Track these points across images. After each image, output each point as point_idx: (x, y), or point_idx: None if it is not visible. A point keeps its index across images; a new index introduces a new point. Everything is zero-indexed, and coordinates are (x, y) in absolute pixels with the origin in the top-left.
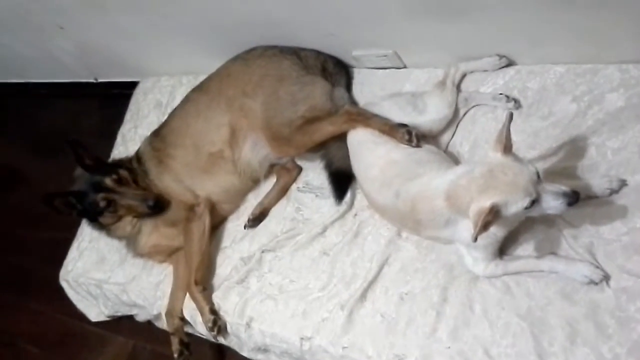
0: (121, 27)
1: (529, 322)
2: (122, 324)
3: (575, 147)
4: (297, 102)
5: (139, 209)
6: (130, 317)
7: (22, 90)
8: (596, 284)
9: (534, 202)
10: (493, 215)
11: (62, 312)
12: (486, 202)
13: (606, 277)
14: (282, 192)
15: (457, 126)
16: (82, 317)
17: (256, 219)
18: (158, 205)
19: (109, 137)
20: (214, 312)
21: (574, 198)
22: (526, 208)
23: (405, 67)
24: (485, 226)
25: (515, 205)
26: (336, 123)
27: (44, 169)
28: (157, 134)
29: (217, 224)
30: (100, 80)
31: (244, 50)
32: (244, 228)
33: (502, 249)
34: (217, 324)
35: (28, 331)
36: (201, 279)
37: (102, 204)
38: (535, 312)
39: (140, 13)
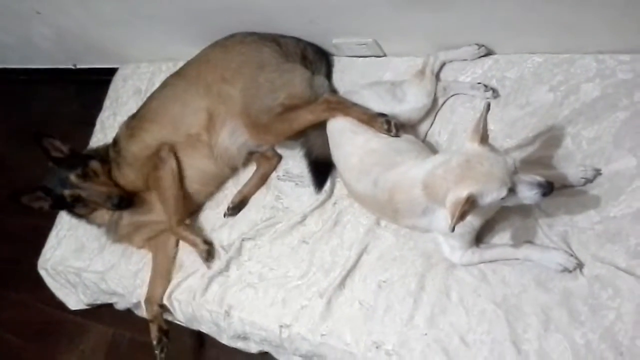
0: (100, 13)
1: (504, 309)
2: (102, 312)
3: (551, 137)
4: (276, 89)
5: (104, 206)
6: (109, 306)
7: (1, 77)
8: (570, 271)
9: (510, 192)
10: (469, 205)
11: (42, 300)
12: (463, 192)
13: (580, 265)
14: (261, 180)
15: (435, 115)
16: (61, 306)
17: (235, 207)
18: (122, 203)
19: (89, 123)
20: (207, 242)
21: (549, 188)
22: (502, 198)
23: (385, 55)
24: (462, 216)
25: (491, 195)
26: (315, 111)
27: (24, 156)
28: (134, 116)
29: (192, 208)
30: (79, 66)
31: (223, 37)
32: (224, 216)
33: (479, 238)
34: (212, 253)
35: (8, 320)
36: (182, 219)
37: (69, 199)
38: (511, 300)
39: None
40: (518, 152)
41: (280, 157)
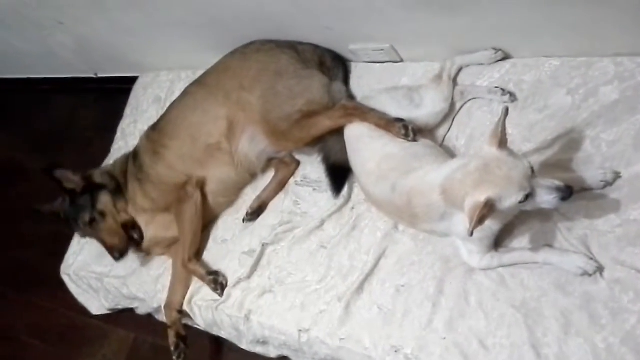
0: (120, 23)
1: (524, 313)
2: (123, 317)
3: (570, 140)
4: (294, 96)
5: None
6: (131, 310)
7: (24, 86)
8: (590, 275)
9: (528, 196)
10: (488, 209)
11: (64, 305)
12: (481, 197)
13: (600, 269)
14: (280, 185)
15: (453, 120)
16: (83, 311)
17: (254, 213)
18: (123, 257)
19: (109, 131)
20: (211, 273)
21: (568, 193)
22: (520, 202)
23: (402, 61)
24: (480, 220)
25: (510, 200)
26: (333, 117)
27: (45, 164)
28: (154, 127)
29: (212, 218)
30: (100, 75)
31: (242, 45)
32: (243, 222)
33: (498, 241)
34: (219, 282)
35: (30, 325)
36: (194, 256)
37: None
38: (530, 304)
39: (138, 9)
40: (537, 155)
41: (298, 163)
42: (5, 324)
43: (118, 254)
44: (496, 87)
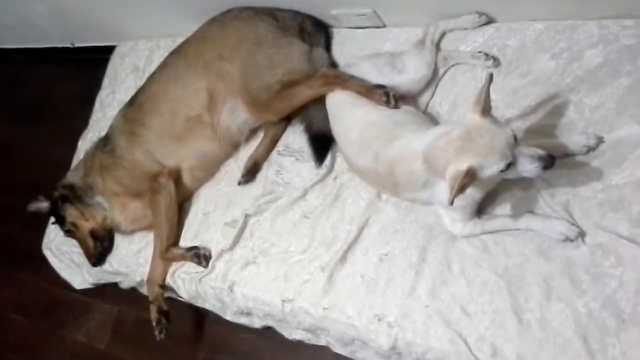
0: None
1: (506, 279)
2: (107, 291)
3: (553, 105)
4: (274, 65)
5: None
6: (114, 284)
7: (0, 57)
8: (572, 240)
9: (510, 165)
10: (469, 177)
11: (47, 280)
12: (462, 165)
13: (582, 234)
14: (272, 144)
15: (436, 86)
16: (67, 285)
17: (249, 172)
18: (98, 264)
19: (89, 102)
20: (190, 249)
21: (550, 162)
22: (502, 171)
23: (384, 26)
24: (461, 189)
25: (491, 168)
26: (314, 86)
27: (25, 137)
28: (132, 102)
29: (190, 193)
30: (77, 45)
31: (220, 13)
32: (238, 184)
33: (480, 209)
34: (201, 254)
35: (14, 300)
36: (172, 244)
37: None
38: (512, 270)
39: None
40: (520, 121)
41: (288, 120)
42: None
43: (93, 259)
44: (479, 52)
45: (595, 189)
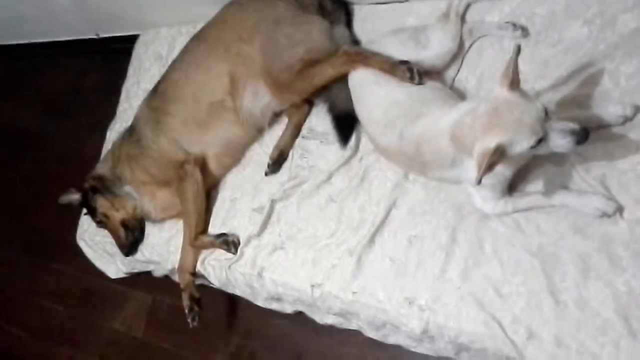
0: None
1: (540, 259)
2: (141, 280)
3: (586, 75)
4: (294, 44)
5: None
6: (148, 273)
7: (28, 51)
8: (609, 216)
9: (541, 140)
10: (498, 155)
11: (83, 270)
12: (491, 142)
13: (619, 209)
14: (296, 129)
15: (462, 60)
16: (102, 275)
17: (276, 163)
18: (131, 253)
19: (115, 92)
20: (219, 236)
21: (583, 136)
22: (532, 147)
23: (407, 0)
24: (490, 167)
25: (521, 145)
26: (335, 65)
27: (55, 130)
28: (155, 91)
29: (218, 179)
30: (102, 35)
31: None
32: (265, 175)
33: (512, 186)
34: (230, 241)
35: (52, 291)
36: (202, 232)
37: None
38: (547, 248)
39: None
40: (551, 93)
41: (311, 104)
42: (28, 291)
43: (125, 249)
44: (507, 22)
45: (633, 161)
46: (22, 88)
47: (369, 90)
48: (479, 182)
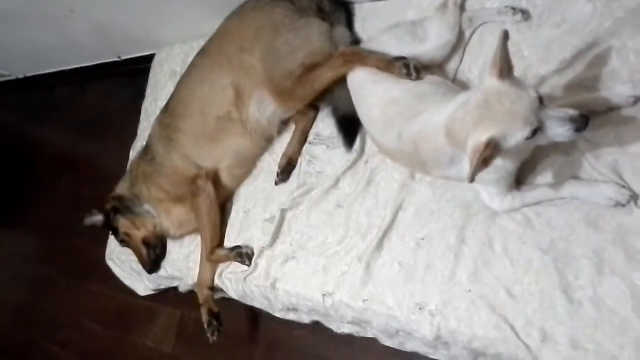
0: (122, 1)
1: (552, 255)
2: (169, 295)
3: (593, 55)
4: (294, 50)
5: None
6: (175, 288)
7: (60, 79)
8: (623, 205)
9: (537, 131)
10: (491, 150)
11: (116, 289)
12: (482, 136)
13: (634, 197)
14: (303, 136)
15: (464, 50)
16: (133, 293)
17: (284, 171)
18: (154, 270)
19: (139, 112)
20: (233, 249)
21: (583, 122)
22: (528, 138)
23: None
24: (484, 162)
25: (515, 137)
26: (333, 67)
27: (88, 151)
28: (166, 108)
29: (232, 192)
30: (123, 57)
31: (238, 5)
32: (275, 184)
33: (520, 179)
34: (243, 253)
35: (88, 310)
36: (218, 245)
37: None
38: (558, 244)
39: None
40: (557, 77)
41: (317, 109)
42: (67, 310)
43: (148, 266)
44: (506, 7)
45: None
46: (57, 113)
47: (367, 90)
48: (472, 179)
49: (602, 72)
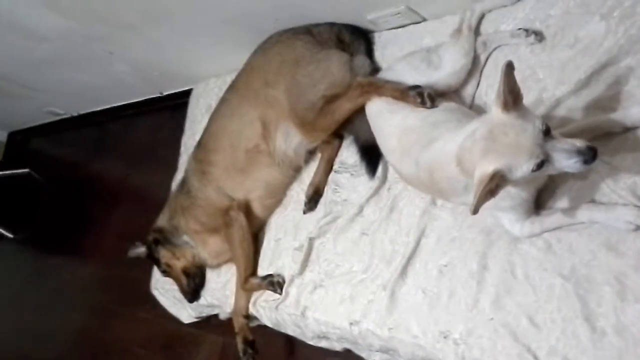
0: (154, 40)
1: (574, 282)
2: (212, 323)
3: (608, 74)
4: (316, 82)
5: None
6: (217, 316)
7: (110, 115)
8: None
9: (543, 163)
10: (497, 181)
11: (162, 317)
12: (488, 168)
13: None
14: (328, 165)
15: (480, 74)
16: (177, 321)
17: (312, 200)
18: (194, 299)
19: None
20: (265, 277)
21: (590, 155)
22: (534, 171)
23: (424, 20)
24: (490, 193)
25: (521, 169)
26: (351, 98)
27: (137, 184)
28: (199, 143)
29: (264, 221)
30: (165, 93)
31: (262, 41)
32: (304, 213)
33: (539, 203)
34: (275, 282)
35: (137, 337)
36: (252, 274)
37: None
38: (580, 270)
39: (159, 22)
40: (572, 98)
41: (341, 138)
42: (120, 337)
43: (188, 296)
44: (519, 29)
45: None
46: (111, 147)
47: (384, 119)
48: (476, 211)
49: (618, 92)
